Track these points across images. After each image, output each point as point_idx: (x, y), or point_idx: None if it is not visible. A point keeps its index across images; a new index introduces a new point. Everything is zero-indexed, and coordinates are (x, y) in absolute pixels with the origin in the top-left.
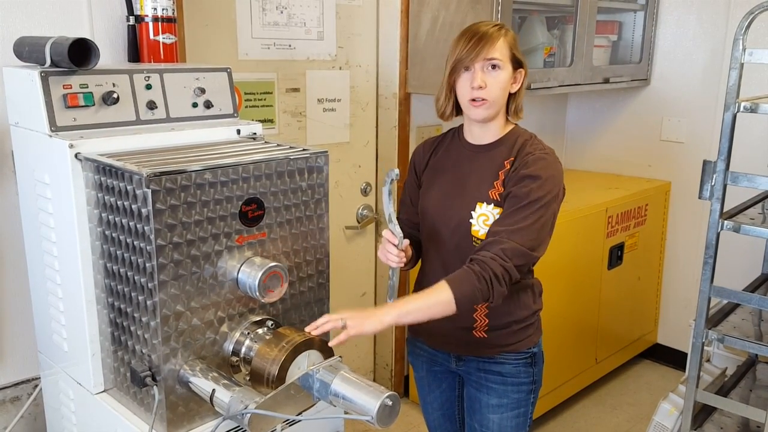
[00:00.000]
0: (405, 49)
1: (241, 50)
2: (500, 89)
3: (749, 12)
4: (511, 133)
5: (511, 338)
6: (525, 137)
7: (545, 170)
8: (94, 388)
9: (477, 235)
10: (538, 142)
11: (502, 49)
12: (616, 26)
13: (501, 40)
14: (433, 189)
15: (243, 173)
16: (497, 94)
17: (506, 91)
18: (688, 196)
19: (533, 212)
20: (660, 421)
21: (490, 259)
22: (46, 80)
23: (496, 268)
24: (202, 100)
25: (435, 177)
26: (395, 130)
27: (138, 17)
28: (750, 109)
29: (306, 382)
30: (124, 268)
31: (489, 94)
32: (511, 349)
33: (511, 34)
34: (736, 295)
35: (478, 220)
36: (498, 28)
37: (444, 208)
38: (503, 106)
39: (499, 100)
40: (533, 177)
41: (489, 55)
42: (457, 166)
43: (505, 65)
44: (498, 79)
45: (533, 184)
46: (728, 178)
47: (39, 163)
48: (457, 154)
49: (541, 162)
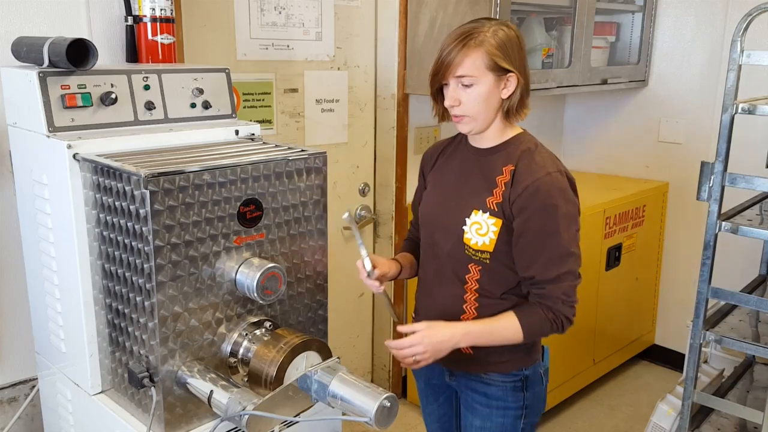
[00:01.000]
0: (403, 49)
1: (240, 51)
2: (476, 104)
3: (747, 14)
4: (514, 139)
5: (497, 356)
6: (527, 145)
7: (555, 195)
8: (91, 389)
9: (469, 243)
10: (540, 155)
11: (475, 61)
12: (614, 27)
13: (473, 53)
14: (433, 192)
15: (241, 174)
16: (474, 110)
17: (488, 103)
18: (685, 197)
19: (560, 240)
20: (657, 422)
21: (561, 304)
22: (44, 81)
23: (567, 312)
24: (201, 101)
25: (437, 180)
26: (393, 131)
27: (136, 17)
28: (748, 110)
29: (304, 383)
30: (121, 269)
31: (465, 110)
32: (498, 369)
33: (492, 39)
34: (734, 297)
35: (471, 228)
36: (469, 38)
37: (441, 211)
38: (494, 114)
39: (479, 114)
40: (546, 207)
41: (456, 73)
42: (459, 169)
43: (479, 79)
44: (472, 96)
45: (549, 217)
46: (726, 180)
47: (37, 163)
48: (461, 158)
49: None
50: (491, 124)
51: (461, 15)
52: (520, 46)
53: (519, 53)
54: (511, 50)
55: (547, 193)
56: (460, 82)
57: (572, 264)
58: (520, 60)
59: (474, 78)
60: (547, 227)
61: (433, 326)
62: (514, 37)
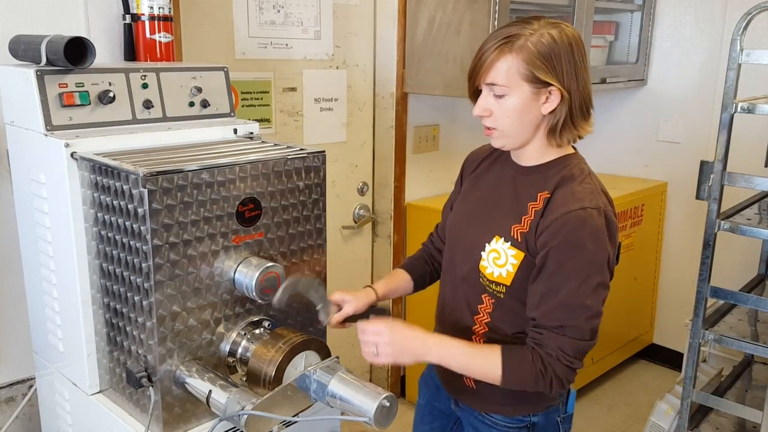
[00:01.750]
0: (402, 48)
1: (238, 49)
2: (507, 117)
3: (747, 13)
4: (558, 161)
5: (499, 396)
6: (571, 171)
7: (582, 235)
8: (89, 388)
9: (484, 272)
10: (582, 185)
11: (510, 69)
12: (613, 26)
13: (509, 59)
14: (462, 205)
15: (240, 173)
16: (506, 124)
17: (523, 118)
18: (684, 197)
19: (575, 288)
20: (657, 421)
21: (555, 360)
22: (42, 79)
23: (560, 372)
24: (199, 100)
25: (470, 191)
26: (392, 130)
27: (134, 16)
28: (747, 109)
29: (303, 383)
30: (120, 269)
31: (495, 122)
32: (499, 411)
33: (536, 44)
34: (733, 296)
35: (488, 256)
36: (509, 41)
37: (464, 229)
38: (531, 132)
39: (511, 129)
40: (569, 246)
41: (486, 80)
42: (493, 185)
43: (512, 90)
44: (504, 107)
45: (570, 259)
46: (725, 179)
47: (34, 162)
48: (500, 171)
49: (579, 224)
50: (530, 142)
51: (460, 14)
52: (573, 54)
53: (569, 63)
54: (558, 59)
55: (574, 231)
56: (491, 90)
57: (581, 319)
58: (569, 72)
59: (506, 88)
60: (565, 269)
61: (406, 325)
62: (565, 43)
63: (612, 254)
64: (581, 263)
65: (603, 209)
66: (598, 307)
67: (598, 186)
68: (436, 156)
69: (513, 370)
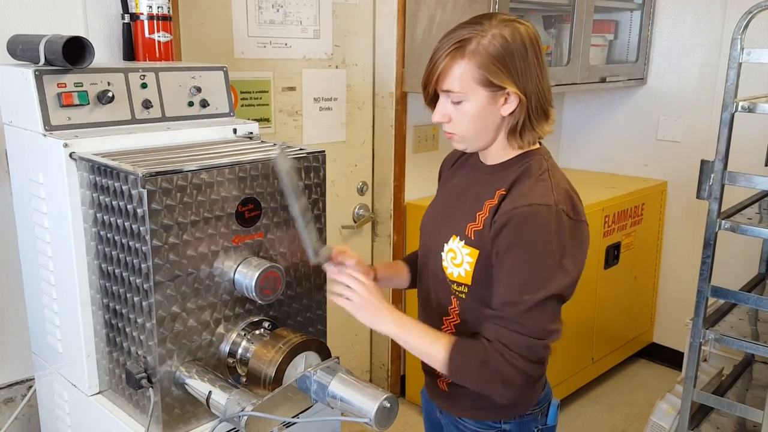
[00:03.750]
0: (402, 48)
1: (237, 49)
2: (466, 123)
3: (747, 11)
4: (519, 157)
5: (471, 401)
6: (530, 167)
7: (526, 232)
8: (89, 389)
9: (446, 272)
10: (538, 182)
11: (464, 75)
12: (613, 25)
13: (462, 65)
14: (435, 203)
15: (240, 173)
16: (465, 129)
17: (482, 122)
18: (684, 196)
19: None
20: (657, 421)
21: (502, 360)
22: (41, 79)
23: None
24: (198, 99)
25: (441, 191)
26: (392, 130)
27: (133, 15)
28: (748, 108)
29: (303, 383)
30: (119, 269)
31: (455, 128)
32: (471, 415)
33: (489, 47)
34: (734, 295)
35: (447, 256)
36: (461, 45)
37: (431, 229)
38: (492, 134)
39: (471, 132)
40: (512, 245)
41: (442, 86)
42: (460, 183)
43: (468, 96)
44: (462, 113)
45: (511, 257)
46: (726, 178)
47: (33, 162)
48: (468, 170)
49: (524, 221)
50: (492, 143)
51: (460, 13)
52: (527, 53)
53: (524, 63)
54: (511, 60)
55: (517, 227)
56: (448, 96)
57: (519, 311)
58: (524, 72)
59: (462, 94)
60: (507, 265)
61: (380, 291)
62: (519, 42)
63: (571, 253)
64: (521, 260)
65: (555, 206)
66: (544, 304)
67: (557, 183)
68: (435, 155)
69: (459, 357)
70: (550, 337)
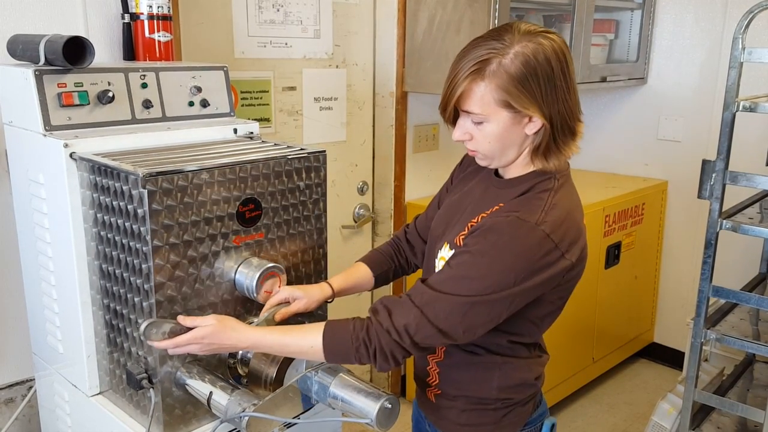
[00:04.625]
0: (402, 47)
1: (237, 48)
2: (488, 143)
3: (749, 11)
4: (533, 174)
5: (457, 417)
6: (537, 185)
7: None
8: (89, 390)
9: None
10: (535, 200)
11: (484, 97)
12: (614, 25)
13: (479, 86)
14: (444, 206)
15: (240, 173)
16: (487, 148)
17: (505, 141)
18: (684, 195)
19: (464, 286)
20: (658, 421)
21: (384, 331)
22: (41, 79)
23: (386, 345)
24: (199, 99)
25: (452, 193)
26: (392, 129)
27: (133, 15)
28: (749, 108)
29: (304, 384)
30: (119, 270)
31: (477, 146)
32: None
33: (510, 67)
34: (735, 295)
35: (438, 263)
36: (481, 66)
37: (435, 232)
38: (515, 152)
39: (494, 152)
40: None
41: (463, 107)
42: (469, 191)
43: (490, 117)
44: (484, 133)
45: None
46: (727, 178)
47: (33, 162)
48: (480, 180)
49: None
50: (516, 160)
51: (460, 12)
52: (553, 72)
53: (549, 84)
54: (536, 82)
55: (488, 231)
56: (469, 116)
57: (445, 304)
58: (548, 94)
59: (483, 116)
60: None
61: (221, 330)
62: (543, 61)
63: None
64: (476, 263)
65: (538, 226)
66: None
67: (554, 204)
68: (436, 155)
69: (332, 338)
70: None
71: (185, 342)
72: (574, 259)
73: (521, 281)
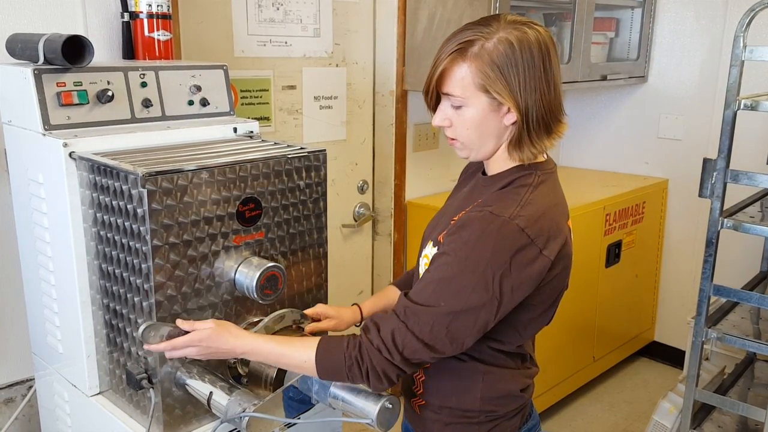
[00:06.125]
0: (402, 46)
1: (237, 47)
2: (467, 129)
3: (750, 9)
4: (514, 170)
5: (440, 428)
6: (515, 181)
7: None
8: (89, 390)
9: None
10: (511, 195)
11: (464, 79)
12: (614, 23)
13: (460, 67)
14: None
15: (240, 172)
16: (465, 135)
17: (483, 130)
18: (685, 194)
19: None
20: (659, 420)
21: (375, 349)
22: (40, 78)
23: (377, 363)
24: (198, 98)
25: (449, 196)
26: (392, 128)
27: (132, 14)
28: (750, 106)
29: (305, 384)
30: (119, 269)
31: (456, 133)
32: None
33: (491, 52)
34: (736, 294)
35: (422, 261)
36: (464, 47)
37: (425, 232)
38: (493, 143)
39: (472, 141)
40: (452, 241)
41: (443, 89)
42: (463, 192)
43: (469, 101)
44: (463, 118)
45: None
46: (728, 176)
47: (32, 162)
48: (472, 178)
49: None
50: (494, 153)
51: (460, 11)
52: (534, 62)
53: (528, 73)
54: (515, 70)
55: (460, 229)
56: (449, 100)
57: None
58: (526, 83)
59: (462, 99)
60: (438, 261)
61: (219, 334)
62: (526, 49)
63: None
64: (449, 263)
65: (508, 219)
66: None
67: (531, 200)
68: (436, 154)
69: (325, 355)
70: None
71: (182, 345)
72: (553, 257)
73: (500, 279)
